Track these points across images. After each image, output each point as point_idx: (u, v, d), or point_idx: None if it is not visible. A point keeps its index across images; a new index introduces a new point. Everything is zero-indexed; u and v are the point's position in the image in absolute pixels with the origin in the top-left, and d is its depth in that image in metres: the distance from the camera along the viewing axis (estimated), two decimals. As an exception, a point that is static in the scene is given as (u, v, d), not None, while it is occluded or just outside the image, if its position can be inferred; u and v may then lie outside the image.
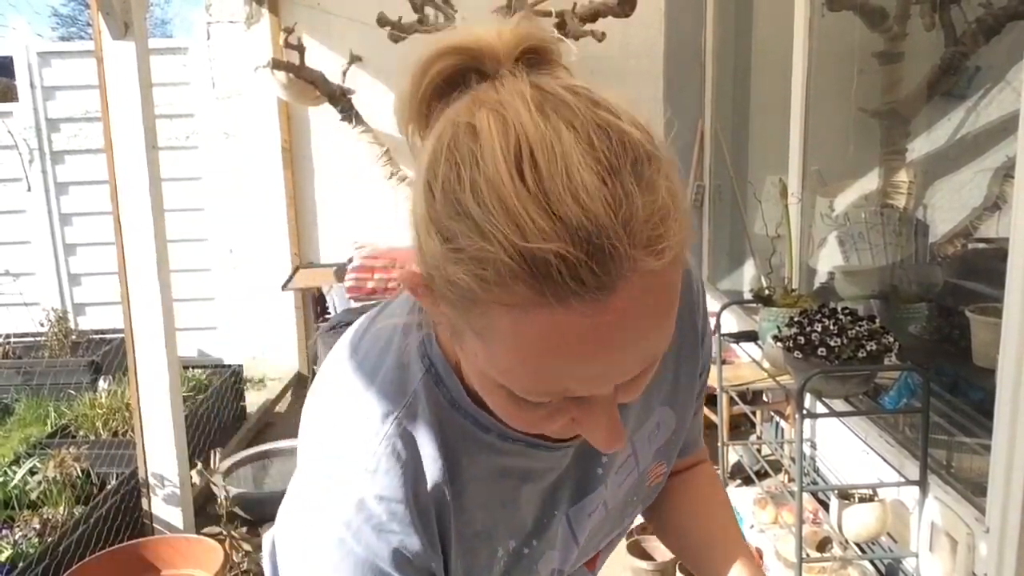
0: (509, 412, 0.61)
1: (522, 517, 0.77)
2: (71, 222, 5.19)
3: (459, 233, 0.51)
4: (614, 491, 0.84)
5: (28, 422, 4.21)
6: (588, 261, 0.48)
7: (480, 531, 0.74)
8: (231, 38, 4.68)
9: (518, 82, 0.55)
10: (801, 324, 2.11)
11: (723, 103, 4.35)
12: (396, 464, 0.69)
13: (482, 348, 0.55)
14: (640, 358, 0.56)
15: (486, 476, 0.74)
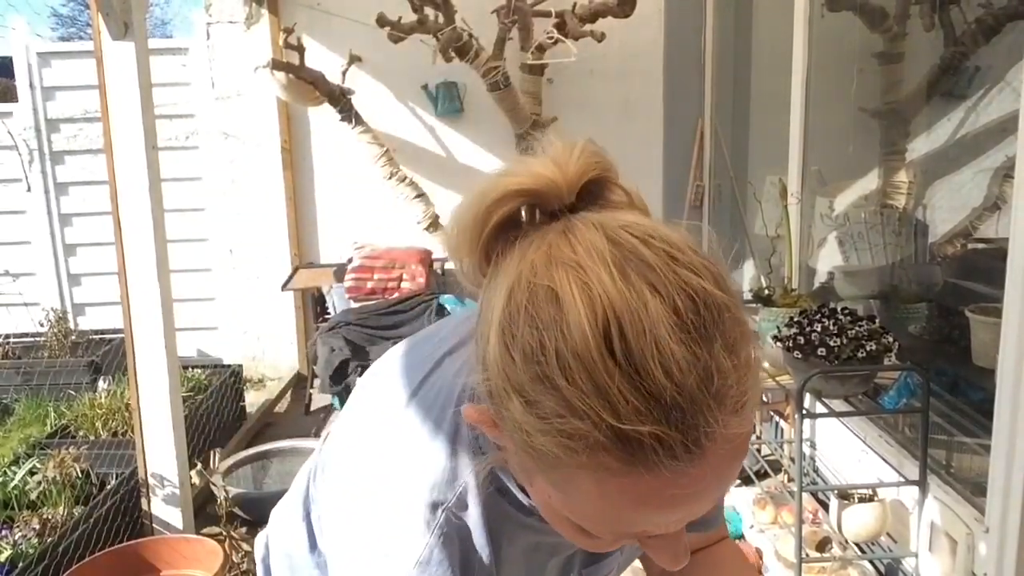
0: (575, 537, 0.61)
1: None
2: (71, 222, 5.19)
3: (544, 404, 0.51)
4: (631, 552, 0.85)
5: (28, 422, 4.21)
6: (683, 439, 0.49)
7: None
8: (231, 38, 4.68)
9: (592, 234, 0.54)
10: (801, 324, 2.11)
11: (723, 103, 4.35)
12: (445, 556, 0.69)
13: (557, 495, 0.56)
14: (713, 500, 0.56)
15: (520, 552, 0.75)
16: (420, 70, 4.31)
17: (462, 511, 0.70)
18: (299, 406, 4.63)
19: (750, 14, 4.17)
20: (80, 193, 5.12)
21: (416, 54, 3.96)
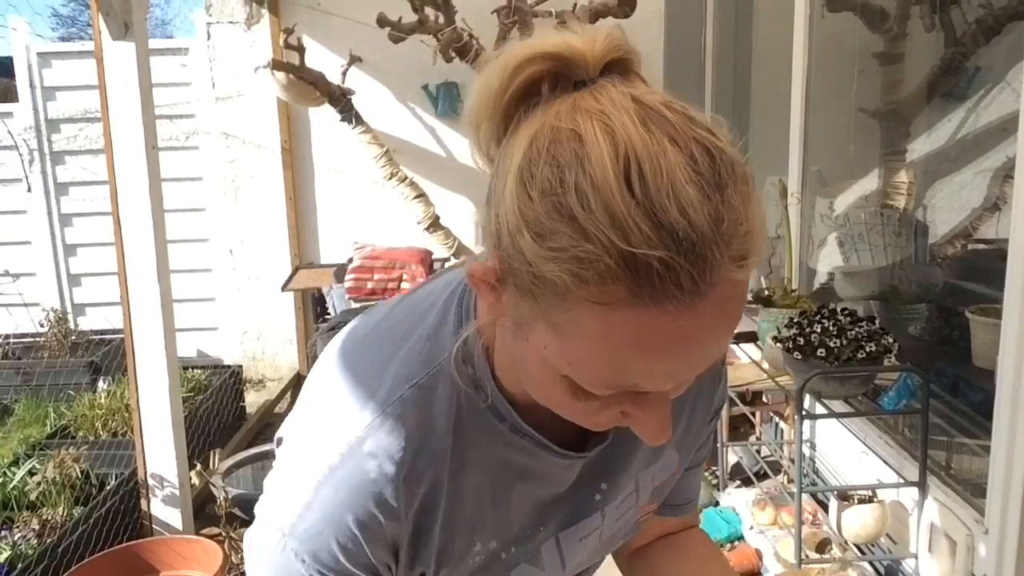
0: (562, 401, 0.62)
1: (508, 520, 0.76)
2: (71, 222, 5.19)
3: (559, 233, 0.52)
4: (611, 523, 0.83)
5: (27, 423, 4.21)
6: (690, 268, 0.51)
7: (465, 519, 0.74)
8: (231, 38, 4.68)
9: (618, 93, 0.56)
10: (800, 325, 2.11)
11: (723, 103, 4.35)
12: (402, 428, 0.69)
13: (555, 341, 0.57)
14: (707, 359, 0.58)
15: (487, 467, 0.73)
16: (420, 70, 4.31)
17: (430, 392, 0.70)
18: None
19: (750, 14, 4.17)
20: (80, 193, 5.12)
21: (416, 54, 3.96)
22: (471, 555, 0.75)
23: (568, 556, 0.81)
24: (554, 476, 0.77)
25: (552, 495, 0.78)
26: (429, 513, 0.71)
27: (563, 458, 0.75)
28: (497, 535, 0.76)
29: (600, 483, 0.80)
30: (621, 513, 0.84)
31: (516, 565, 0.78)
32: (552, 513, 0.78)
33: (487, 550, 0.76)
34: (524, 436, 0.73)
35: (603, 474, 0.80)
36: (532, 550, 0.78)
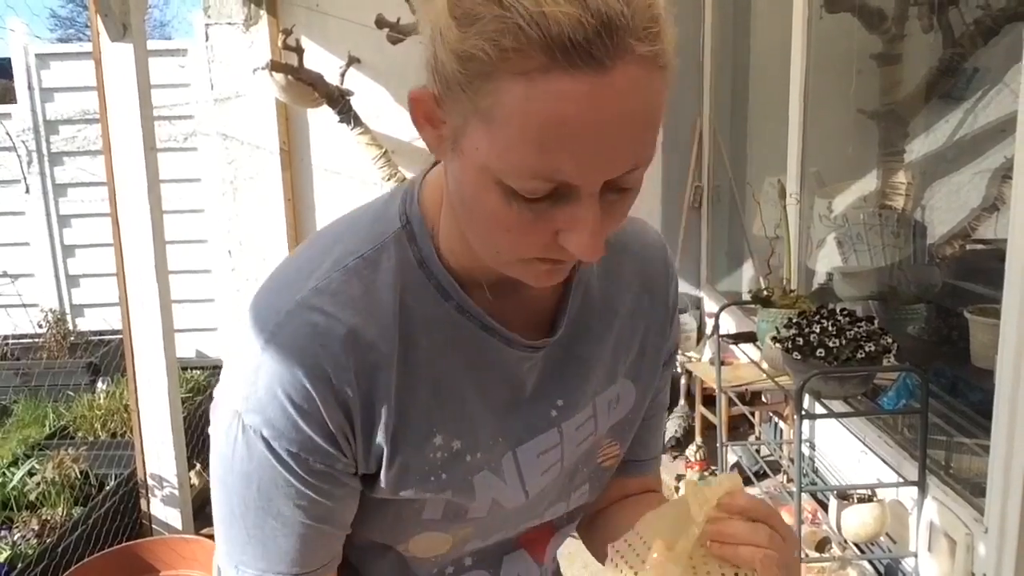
0: (499, 218, 0.63)
1: (466, 416, 0.77)
2: (70, 223, 5.18)
3: (482, 16, 0.57)
4: (571, 449, 0.83)
5: (27, 423, 4.20)
6: (599, 29, 0.55)
7: (419, 404, 0.74)
8: (229, 40, 4.68)
9: None
10: (800, 325, 2.11)
11: (721, 104, 4.35)
12: (347, 291, 0.71)
13: (485, 134, 0.60)
14: (627, 154, 0.60)
15: (436, 349, 0.75)
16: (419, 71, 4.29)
17: (375, 265, 0.73)
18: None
19: (749, 15, 4.17)
20: (79, 194, 5.12)
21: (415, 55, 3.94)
22: (431, 447, 0.75)
23: (527, 474, 0.81)
24: (506, 369, 0.78)
25: (508, 400, 0.79)
26: (379, 383, 0.72)
27: (509, 345, 0.77)
28: (459, 435, 0.77)
29: (556, 399, 0.81)
30: (580, 439, 0.84)
31: (479, 471, 0.78)
32: (510, 424, 0.79)
33: (449, 448, 0.76)
34: (470, 317, 0.75)
35: (558, 390, 0.82)
36: (495, 460, 0.79)
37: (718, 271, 4.50)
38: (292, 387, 0.68)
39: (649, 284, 0.89)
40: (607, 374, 0.85)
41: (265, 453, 0.70)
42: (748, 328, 3.13)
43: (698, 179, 4.43)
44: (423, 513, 0.78)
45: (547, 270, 0.68)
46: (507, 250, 0.66)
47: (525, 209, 0.61)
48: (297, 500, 0.72)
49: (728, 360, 3.32)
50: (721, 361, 2.96)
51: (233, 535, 0.75)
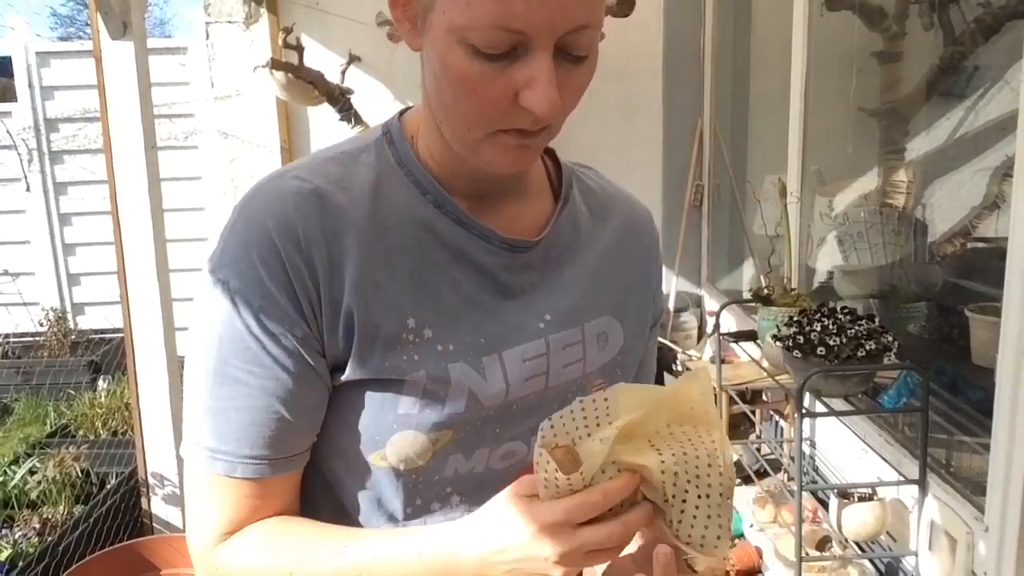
0: (465, 79, 0.68)
1: (441, 310, 0.79)
2: (70, 222, 5.19)
3: None
4: (557, 365, 0.84)
5: (27, 422, 4.21)
6: None
7: (391, 287, 0.77)
8: (230, 38, 4.68)
9: None
10: (800, 323, 2.11)
11: (722, 102, 4.35)
12: (324, 168, 0.78)
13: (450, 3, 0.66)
14: (573, 6, 0.65)
15: (410, 236, 0.78)
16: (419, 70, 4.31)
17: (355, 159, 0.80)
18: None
19: (749, 14, 4.17)
20: (79, 193, 5.12)
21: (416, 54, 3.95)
22: (404, 328, 0.77)
23: (512, 377, 0.81)
24: (484, 267, 0.81)
25: (491, 302, 0.81)
26: (347, 248, 0.75)
27: (486, 240, 0.81)
28: (432, 325, 0.78)
29: (544, 313, 0.84)
30: (568, 360, 0.85)
31: (455, 362, 0.78)
32: (495, 326, 0.81)
33: (421, 334, 0.77)
34: (446, 211, 0.80)
35: (545, 304, 0.84)
36: (474, 357, 0.79)
37: (718, 269, 4.50)
38: (261, 240, 0.72)
39: (636, 230, 0.95)
40: (594, 303, 0.88)
41: (230, 309, 0.72)
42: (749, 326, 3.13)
43: (699, 177, 4.43)
44: (399, 406, 0.77)
45: (515, 146, 0.73)
46: (474, 117, 0.71)
47: (487, 67, 0.67)
48: (253, 367, 0.73)
49: (729, 358, 3.32)
50: (722, 359, 2.96)
51: (193, 413, 0.77)
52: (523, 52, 0.67)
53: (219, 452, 0.75)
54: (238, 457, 0.75)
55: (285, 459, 0.77)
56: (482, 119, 0.71)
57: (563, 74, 0.69)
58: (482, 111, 0.70)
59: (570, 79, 0.70)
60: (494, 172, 0.77)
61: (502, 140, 0.72)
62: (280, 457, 0.76)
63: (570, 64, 0.70)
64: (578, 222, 0.89)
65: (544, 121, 0.71)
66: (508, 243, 0.82)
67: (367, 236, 0.76)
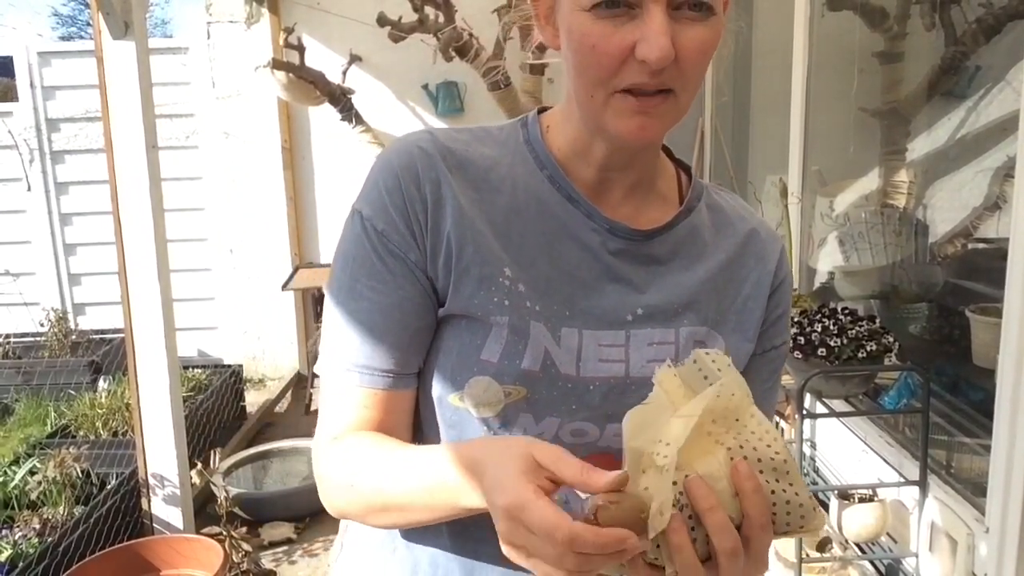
0: (587, 37, 0.74)
1: (535, 274, 0.84)
2: (71, 222, 5.19)
3: None
4: (638, 359, 0.85)
5: (28, 422, 4.21)
6: None
7: (492, 240, 0.83)
8: (231, 38, 4.69)
9: None
10: (801, 324, 2.11)
11: (723, 102, 4.35)
12: (455, 134, 0.88)
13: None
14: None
15: (520, 205, 0.85)
16: (420, 70, 4.31)
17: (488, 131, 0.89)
18: (299, 406, 4.64)
19: (750, 14, 4.17)
20: (80, 193, 5.12)
21: (416, 54, 3.96)
22: (501, 274, 0.83)
23: (585, 355, 0.84)
24: (586, 246, 0.85)
25: (588, 280, 0.85)
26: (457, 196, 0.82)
27: (591, 218, 0.85)
28: (526, 281, 0.83)
29: (636, 307, 0.86)
30: (653, 358, 0.85)
31: (537, 321, 0.83)
32: (586, 302, 0.84)
33: (516, 285, 0.83)
34: (559, 187, 0.85)
35: (642, 300, 0.86)
36: (555, 323, 0.83)
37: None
38: (388, 175, 0.84)
39: (760, 254, 0.93)
40: (695, 310, 0.88)
41: (360, 232, 0.83)
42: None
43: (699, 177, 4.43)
44: (482, 351, 0.82)
45: (636, 111, 0.76)
46: (593, 76, 0.75)
47: (606, 25, 0.73)
48: (377, 283, 0.82)
49: (729, 359, 3.32)
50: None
51: (327, 330, 0.86)
52: (639, 11, 0.72)
53: (346, 363, 0.84)
54: (362, 368, 0.83)
55: (399, 375, 0.84)
56: (600, 77, 0.75)
57: (681, 29, 0.73)
58: (600, 67, 0.74)
59: (689, 35, 0.74)
60: (621, 143, 0.80)
61: (622, 103, 0.76)
62: (397, 372, 0.84)
63: (689, 20, 0.74)
64: (698, 232, 0.90)
65: (658, 68, 0.73)
66: (611, 225, 0.85)
67: (479, 190, 0.84)
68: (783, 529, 0.66)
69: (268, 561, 3.07)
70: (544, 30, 0.83)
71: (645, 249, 0.87)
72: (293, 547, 3.17)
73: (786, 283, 0.95)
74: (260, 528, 3.22)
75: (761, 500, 0.65)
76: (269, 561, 3.08)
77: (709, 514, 0.63)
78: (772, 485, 0.65)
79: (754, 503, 0.65)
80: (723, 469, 0.64)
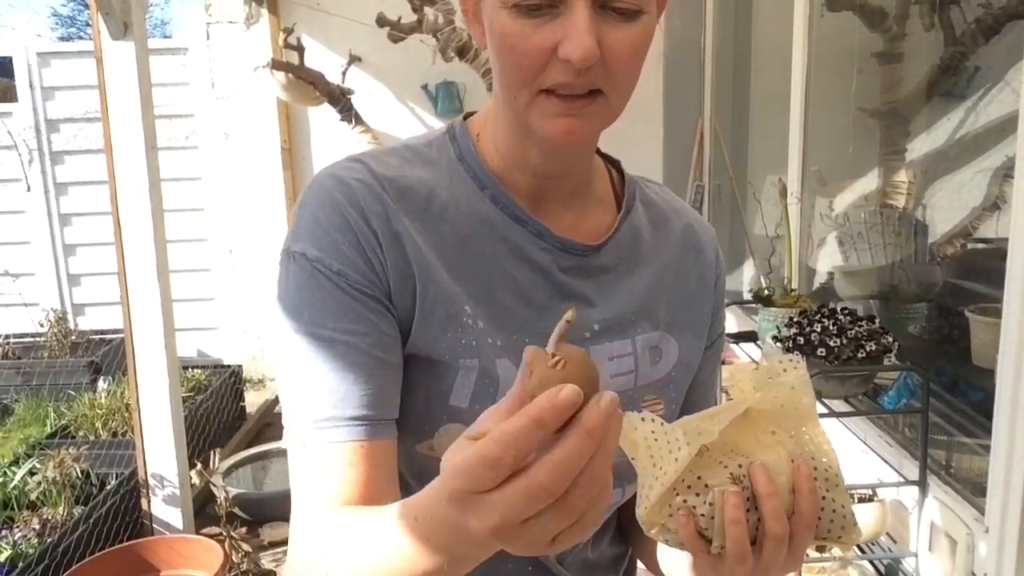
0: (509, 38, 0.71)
1: (493, 304, 0.81)
2: (70, 222, 5.19)
3: None
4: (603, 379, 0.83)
5: (28, 422, 4.21)
6: None
7: (447, 273, 0.79)
8: (230, 38, 4.68)
9: None
10: (800, 324, 2.11)
11: (723, 103, 4.35)
12: (388, 159, 0.81)
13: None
14: None
15: (466, 231, 0.80)
16: (420, 70, 4.31)
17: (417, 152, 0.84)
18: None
19: (750, 14, 4.17)
20: (80, 193, 5.12)
21: (416, 54, 3.96)
22: (463, 313, 0.79)
23: None
24: (537, 265, 0.82)
25: (543, 300, 0.82)
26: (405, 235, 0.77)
27: (540, 237, 0.82)
28: (484, 317, 0.80)
29: (592, 323, 0.84)
30: (615, 372, 0.85)
31: (501, 358, 0.80)
32: (540, 325, 0.82)
33: (476, 325, 0.79)
34: (503, 207, 0.81)
35: (596, 313, 0.85)
36: (517, 353, 0.79)
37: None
38: (330, 211, 0.76)
39: (697, 245, 0.94)
40: (647, 316, 0.88)
41: (313, 274, 0.75)
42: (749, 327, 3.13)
43: (699, 178, 4.43)
44: (450, 397, 0.79)
45: (561, 114, 0.72)
46: (517, 77, 0.72)
47: (527, 23, 0.70)
48: (347, 323, 0.75)
49: (729, 359, 3.32)
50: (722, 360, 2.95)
51: (290, 399, 0.76)
52: (562, 8, 0.69)
53: (321, 420, 0.74)
54: (341, 420, 0.74)
55: (385, 421, 0.76)
56: (523, 78, 0.72)
57: (608, 29, 0.70)
58: (521, 68, 0.71)
59: (616, 35, 0.70)
60: (550, 147, 0.77)
61: (547, 105, 0.73)
62: (381, 418, 0.76)
63: (615, 20, 0.71)
64: (639, 234, 0.89)
65: (582, 67, 0.69)
66: (562, 243, 0.83)
67: (424, 220, 0.79)
68: (823, 535, 0.69)
69: (268, 561, 3.07)
70: (472, 27, 0.79)
71: (594, 261, 0.85)
72: (293, 547, 3.17)
73: (723, 271, 0.97)
74: (260, 528, 3.22)
75: (815, 501, 0.67)
76: (269, 561, 3.07)
77: (768, 499, 0.65)
78: (823, 492, 0.68)
79: (808, 502, 0.66)
80: (784, 466, 0.67)
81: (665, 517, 0.66)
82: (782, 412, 0.68)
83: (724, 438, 0.65)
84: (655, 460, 0.64)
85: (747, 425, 0.67)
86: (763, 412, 0.67)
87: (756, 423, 0.68)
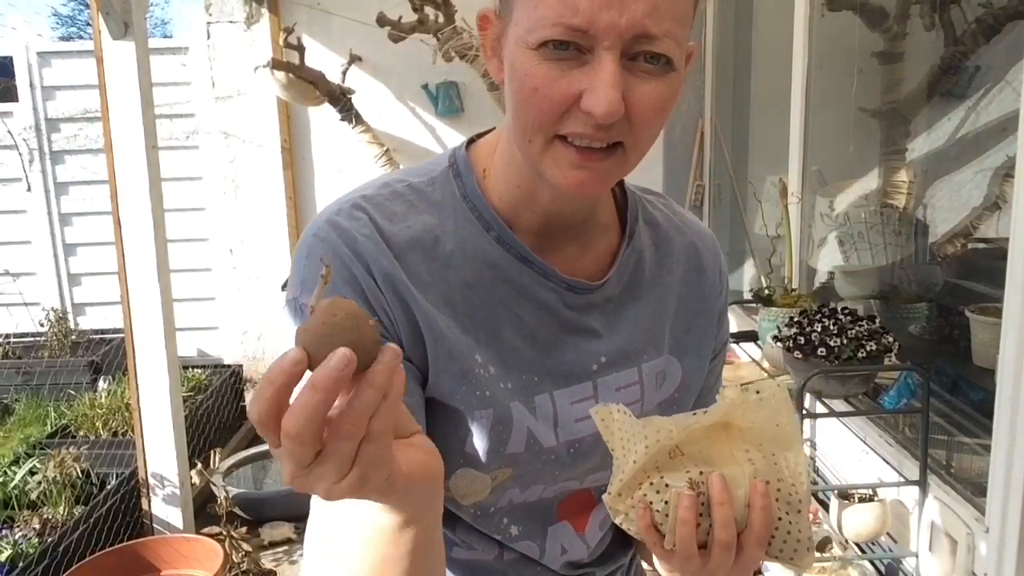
0: (531, 79, 0.68)
1: (503, 348, 0.81)
2: (71, 222, 5.19)
3: None
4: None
5: (28, 422, 4.21)
6: None
7: (457, 323, 0.78)
8: (231, 38, 4.68)
9: None
10: (801, 324, 2.11)
11: (723, 103, 4.35)
12: (390, 206, 0.79)
13: (521, 5, 0.68)
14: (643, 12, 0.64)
15: (473, 277, 0.79)
16: (420, 70, 4.31)
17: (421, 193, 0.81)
18: (299, 406, 4.62)
19: (750, 14, 4.17)
20: (80, 193, 5.12)
21: (416, 54, 3.96)
22: (475, 363, 0.79)
23: (561, 418, 0.83)
24: (545, 305, 0.81)
25: (550, 339, 0.82)
26: (412, 287, 0.75)
27: (547, 278, 0.81)
28: (495, 362, 0.80)
29: (599, 355, 0.85)
30: (623, 402, 0.84)
31: (513, 401, 0.81)
32: (551, 362, 0.82)
33: (488, 372, 0.79)
34: (509, 248, 0.80)
35: (603, 346, 0.85)
36: (527, 395, 0.81)
37: (719, 270, 4.49)
38: (339, 265, 0.74)
39: (699, 264, 0.93)
40: (653, 343, 0.88)
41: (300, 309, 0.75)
42: (749, 327, 3.13)
43: (699, 178, 4.43)
44: (465, 444, 0.79)
45: (576, 165, 0.70)
46: (534, 120, 0.70)
47: (552, 68, 0.67)
48: None
49: (729, 359, 3.32)
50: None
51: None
52: (590, 57, 0.66)
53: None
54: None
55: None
56: (540, 122, 0.69)
57: (635, 83, 0.67)
58: (540, 112, 0.69)
59: (644, 90, 0.68)
60: (561, 192, 0.75)
61: (561, 153, 0.70)
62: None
63: (645, 74, 0.67)
64: (642, 260, 0.89)
65: (605, 123, 0.67)
66: (568, 283, 0.82)
67: (431, 271, 0.78)
68: (775, 554, 0.71)
69: (268, 561, 3.07)
70: (490, 62, 0.77)
71: (600, 295, 0.85)
72: (293, 547, 3.18)
73: (725, 281, 0.97)
74: (260, 528, 3.22)
75: (767, 519, 0.68)
76: (269, 561, 3.08)
77: (720, 508, 0.67)
78: (780, 513, 0.70)
79: (760, 519, 0.68)
80: (745, 480, 0.69)
81: (628, 507, 0.71)
82: (762, 434, 0.70)
83: (700, 447, 0.69)
84: (626, 452, 0.70)
85: (726, 439, 0.70)
86: (745, 431, 0.70)
87: (735, 439, 0.70)
